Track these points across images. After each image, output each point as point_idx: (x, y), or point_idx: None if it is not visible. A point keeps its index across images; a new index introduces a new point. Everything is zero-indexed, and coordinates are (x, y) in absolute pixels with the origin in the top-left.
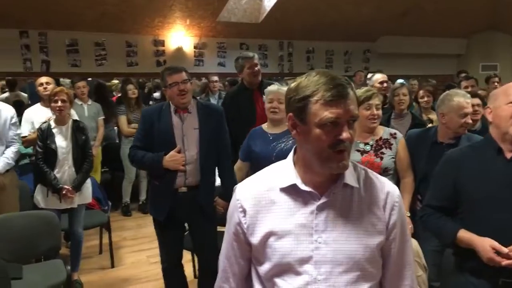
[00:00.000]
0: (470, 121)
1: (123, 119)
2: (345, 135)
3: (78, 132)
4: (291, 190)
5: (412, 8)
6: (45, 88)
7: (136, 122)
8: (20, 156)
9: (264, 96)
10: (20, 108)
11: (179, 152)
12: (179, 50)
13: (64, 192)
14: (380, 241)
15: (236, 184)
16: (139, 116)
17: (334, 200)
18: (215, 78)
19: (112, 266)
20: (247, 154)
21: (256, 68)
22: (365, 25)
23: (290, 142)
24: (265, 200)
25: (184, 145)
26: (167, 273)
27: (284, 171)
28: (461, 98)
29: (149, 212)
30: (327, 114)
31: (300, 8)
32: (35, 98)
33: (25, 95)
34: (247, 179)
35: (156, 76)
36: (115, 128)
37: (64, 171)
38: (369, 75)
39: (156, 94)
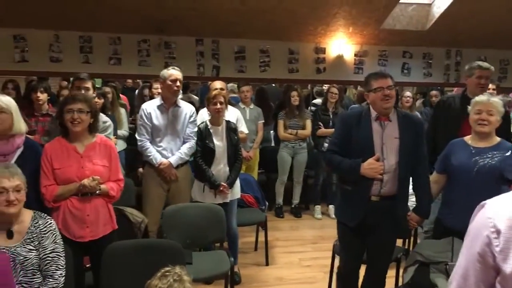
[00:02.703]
0: None
1: (281, 124)
2: None
3: (231, 132)
4: None
5: None
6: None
7: (294, 128)
8: None
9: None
10: None
11: (377, 160)
12: (339, 58)
13: (221, 188)
14: None
15: (432, 198)
16: (298, 122)
17: None
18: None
19: (267, 263)
20: (445, 166)
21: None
22: None
23: (496, 158)
24: None
25: (383, 154)
26: (343, 277)
27: None
28: None
29: (335, 214)
30: None
31: (474, 14)
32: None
33: (196, 97)
34: (501, 196)
35: (315, 83)
36: (271, 131)
37: (220, 168)
38: None
39: (317, 101)
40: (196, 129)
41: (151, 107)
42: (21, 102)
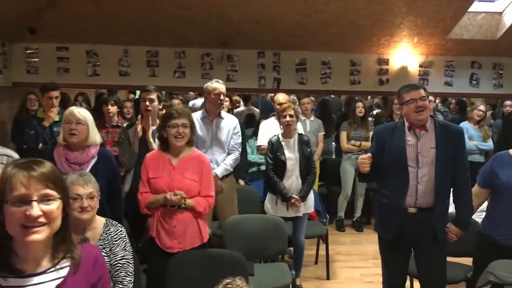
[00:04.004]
0: None
1: (344, 135)
2: None
3: (303, 145)
4: None
5: None
6: (279, 104)
7: (358, 139)
8: (249, 165)
9: None
10: (252, 120)
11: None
12: (403, 69)
13: (292, 201)
14: None
15: (473, 210)
16: (361, 133)
17: None
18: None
19: (328, 278)
20: (490, 181)
21: None
22: None
23: None
24: None
25: (418, 164)
26: None
27: None
28: None
29: (375, 229)
30: None
31: None
32: (265, 112)
33: (257, 109)
34: None
35: (377, 94)
36: (333, 143)
37: (292, 181)
38: None
39: (375, 112)
40: (240, 140)
41: (195, 119)
42: (92, 114)
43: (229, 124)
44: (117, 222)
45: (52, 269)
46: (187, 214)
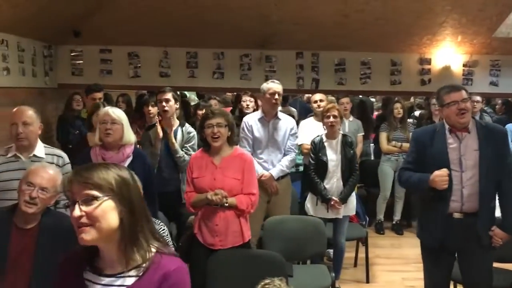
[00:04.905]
0: None
1: (383, 136)
2: None
3: (347, 146)
4: None
5: None
6: (318, 106)
7: (398, 141)
8: None
9: None
10: None
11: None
12: (446, 69)
13: (332, 202)
14: None
15: None
16: (401, 134)
17: None
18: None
19: (367, 281)
20: None
21: None
22: None
23: None
24: None
25: (461, 167)
26: None
27: None
28: None
29: (417, 235)
30: None
31: None
32: (303, 112)
33: (294, 109)
34: None
35: (418, 95)
36: (371, 145)
37: (333, 183)
38: None
39: (418, 113)
40: (297, 141)
41: (252, 120)
42: (133, 115)
43: (286, 125)
44: (158, 220)
45: (121, 274)
46: (230, 212)
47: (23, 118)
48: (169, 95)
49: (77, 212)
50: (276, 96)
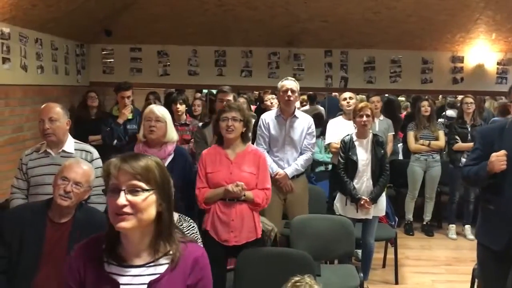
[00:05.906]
0: None
1: (411, 136)
2: None
3: (377, 146)
4: None
5: None
6: (348, 103)
7: (426, 139)
8: (316, 163)
9: None
10: (319, 120)
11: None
12: (479, 67)
13: (362, 202)
14: None
15: None
16: (430, 133)
17: None
18: None
19: (396, 282)
20: None
21: None
22: None
23: None
24: None
25: None
26: None
27: None
28: None
29: (476, 237)
30: None
31: None
32: (332, 111)
33: (322, 108)
34: None
35: (450, 94)
36: (399, 144)
37: (363, 182)
38: None
39: (449, 112)
40: (314, 140)
41: (269, 117)
42: None
43: (303, 124)
44: (189, 218)
45: (151, 264)
46: (245, 207)
47: (50, 114)
48: (230, 96)
49: (122, 200)
50: (289, 93)
